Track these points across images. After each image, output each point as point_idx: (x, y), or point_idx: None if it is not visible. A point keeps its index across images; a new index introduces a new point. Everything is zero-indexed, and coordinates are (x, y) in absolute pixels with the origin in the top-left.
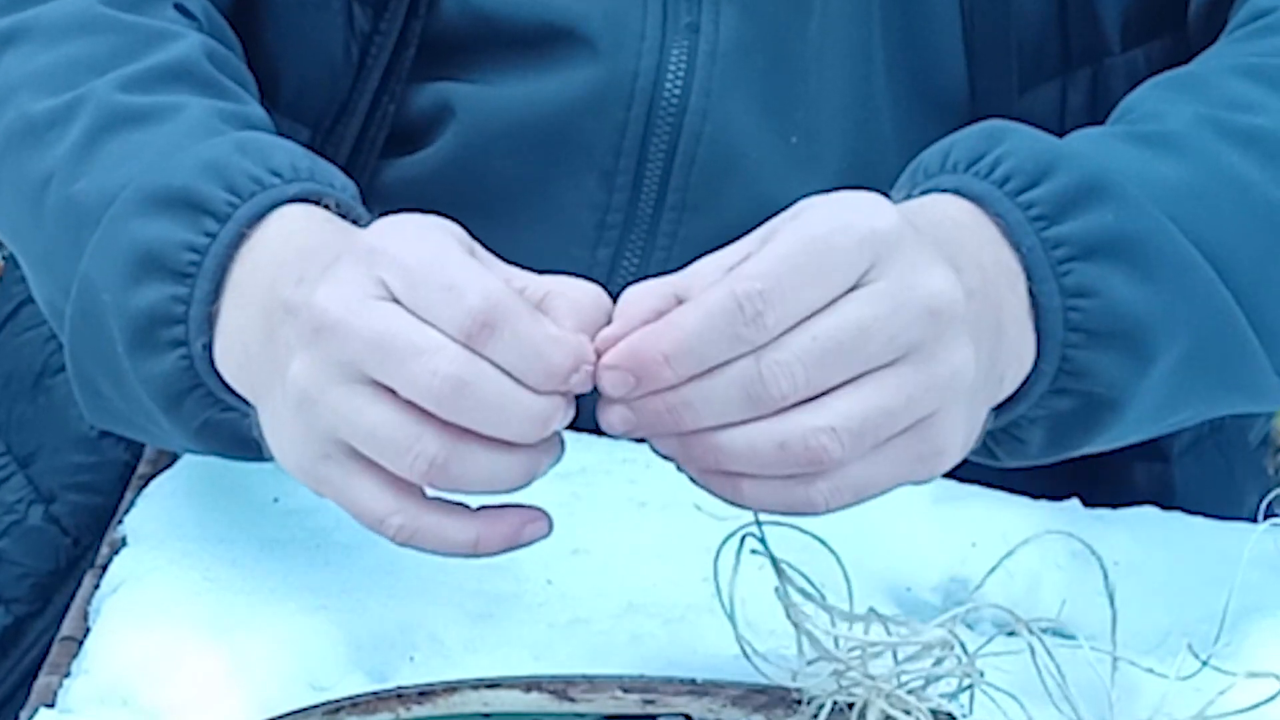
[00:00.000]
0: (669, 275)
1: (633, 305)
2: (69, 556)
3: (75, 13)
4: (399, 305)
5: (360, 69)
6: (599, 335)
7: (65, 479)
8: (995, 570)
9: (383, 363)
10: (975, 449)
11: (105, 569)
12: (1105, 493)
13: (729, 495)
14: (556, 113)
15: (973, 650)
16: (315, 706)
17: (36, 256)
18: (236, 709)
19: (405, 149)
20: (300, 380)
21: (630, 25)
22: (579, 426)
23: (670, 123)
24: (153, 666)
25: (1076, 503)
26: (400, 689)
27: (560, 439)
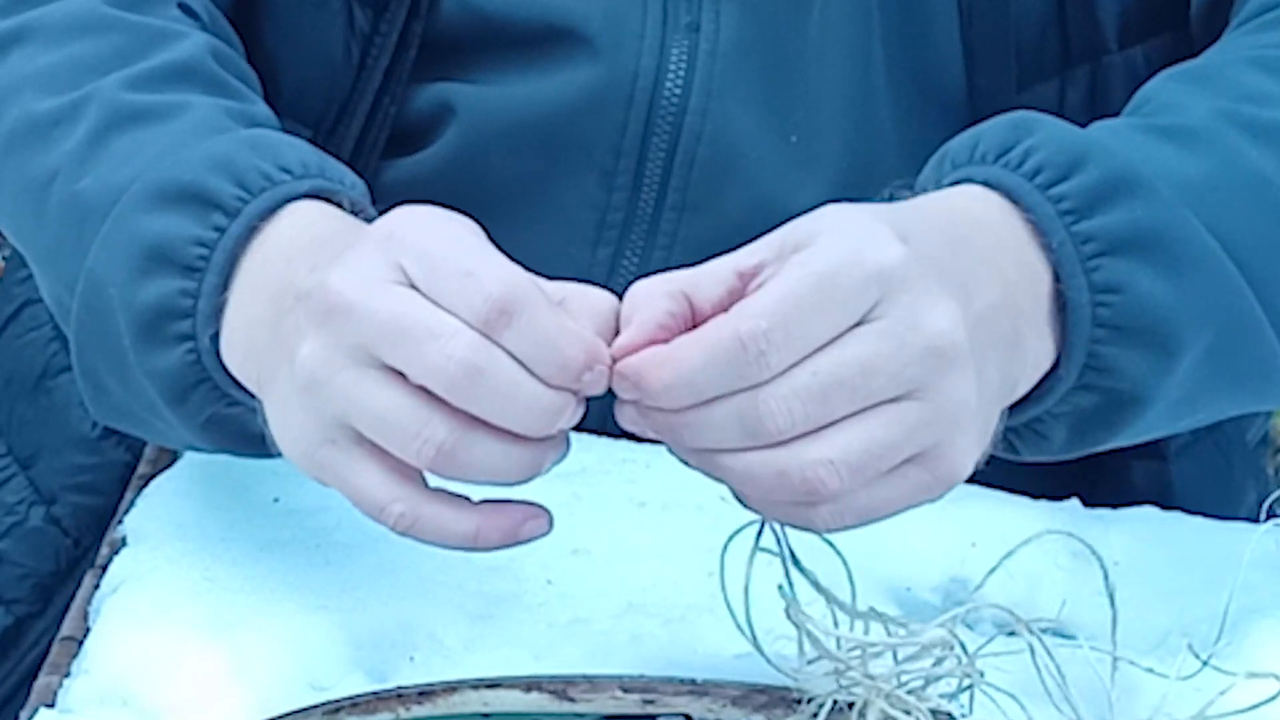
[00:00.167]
0: (678, 271)
1: (645, 307)
2: (69, 557)
3: (79, 13)
4: (415, 290)
5: (361, 69)
6: (615, 344)
7: (66, 480)
8: (995, 570)
9: (396, 345)
10: (997, 445)
11: (105, 569)
12: (1105, 493)
13: (739, 499)
14: (557, 113)
15: (973, 650)
16: (315, 706)
17: (40, 253)
18: (236, 709)
19: (406, 149)
20: (309, 362)
21: (630, 25)
22: (579, 426)
23: (670, 122)
24: (153, 666)
25: (1076, 503)
26: (400, 689)
27: (566, 437)
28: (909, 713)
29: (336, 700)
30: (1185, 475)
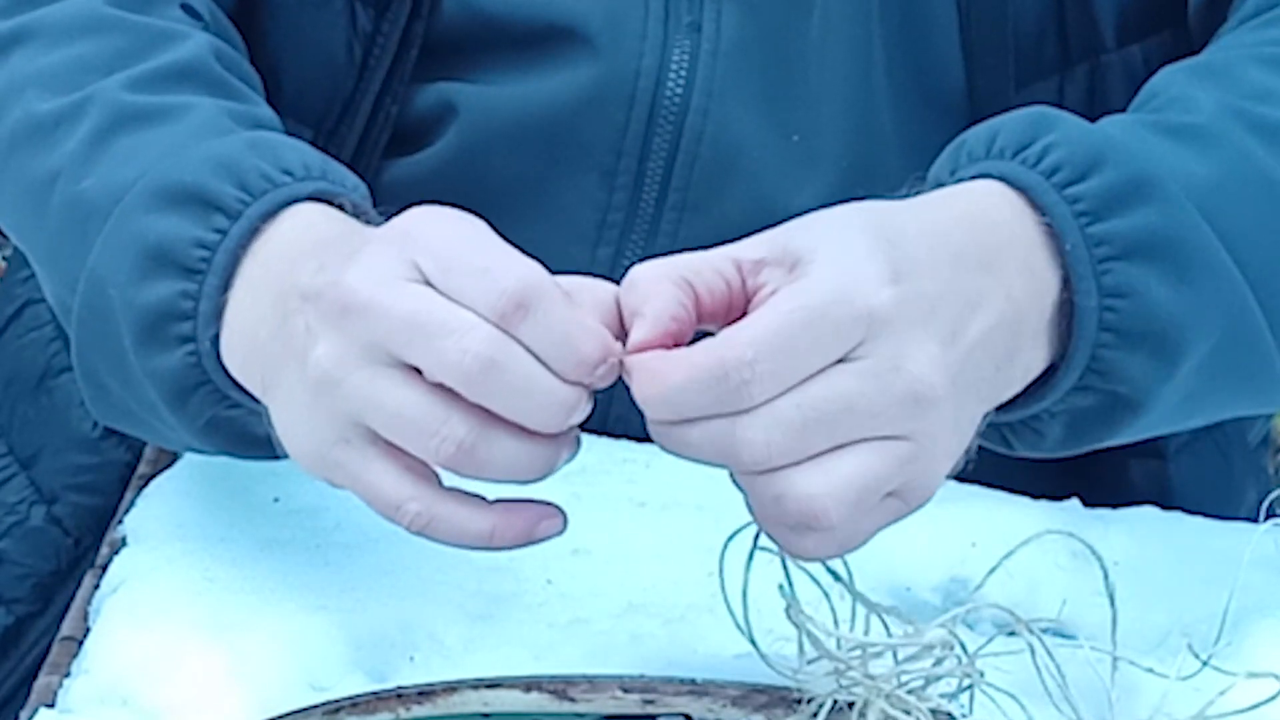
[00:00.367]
0: (677, 257)
1: (655, 298)
2: (70, 557)
3: (81, 13)
4: (431, 288)
5: (363, 69)
6: (631, 339)
7: (67, 480)
8: (995, 570)
9: (412, 342)
10: (990, 439)
11: (105, 569)
12: (1105, 492)
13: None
14: (558, 112)
15: (973, 650)
16: (315, 706)
17: (43, 253)
18: (236, 709)
19: (407, 149)
20: (324, 361)
21: (632, 25)
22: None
23: (672, 122)
24: (153, 666)
25: (1076, 503)
26: (400, 689)
27: (577, 435)
28: (909, 713)
29: (336, 700)
30: (1185, 475)
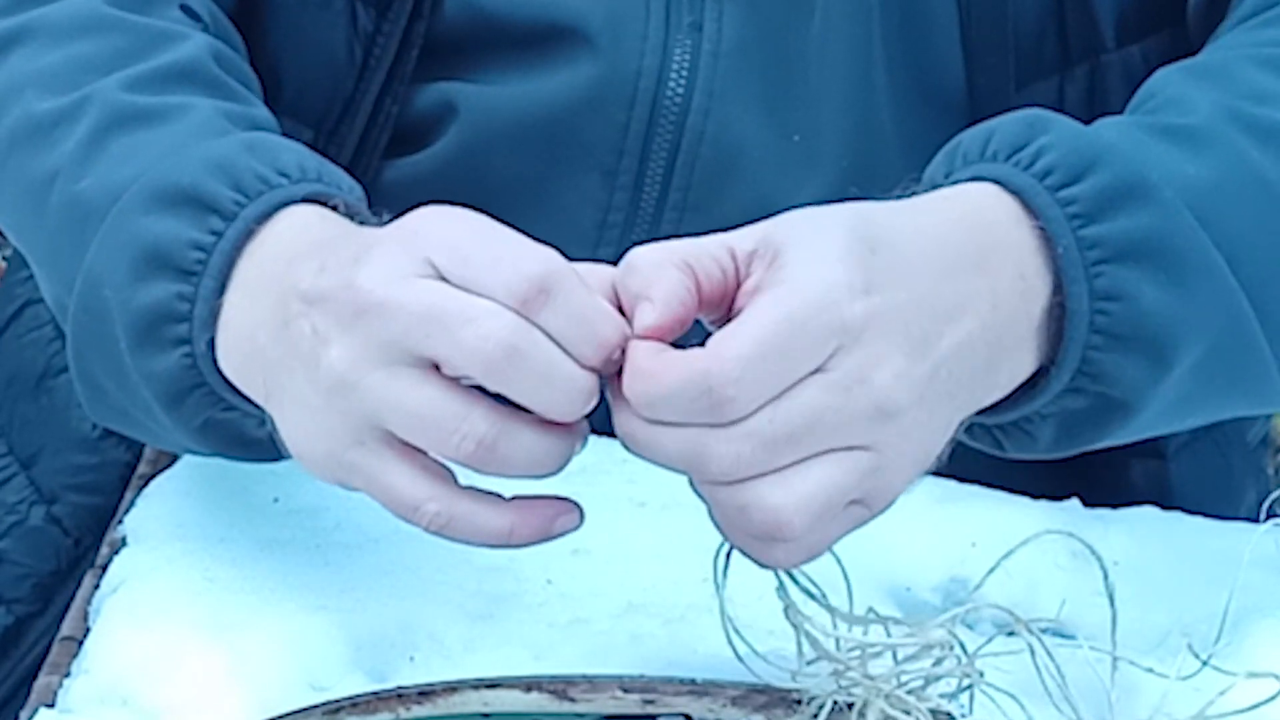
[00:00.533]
0: (674, 243)
1: (662, 282)
2: (70, 557)
3: (80, 13)
4: (444, 281)
5: (364, 69)
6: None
7: (66, 480)
8: (995, 570)
9: (430, 335)
10: (982, 440)
11: (105, 569)
12: (1104, 492)
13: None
14: (559, 112)
15: (972, 650)
16: (315, 706)
17: (41, 254)
18: (236, 709)
19: (408, 149)
20: (339, 364)
21: (633, 25)
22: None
23: (673, 122)
24: (153, 666)
25: (1076, 503)
26: (400, 689)
27: (586, 427)
28: (909, 713)
29: (336, 700)
30: (1185, 475)
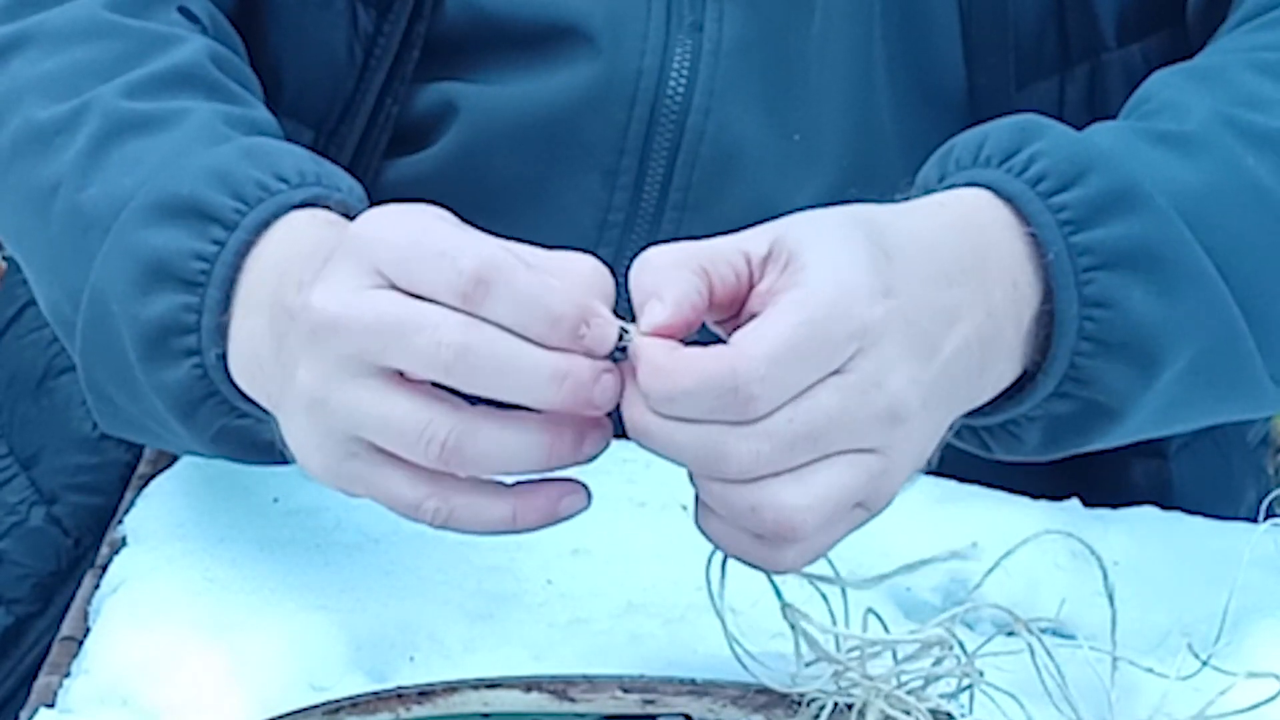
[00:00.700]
0: (688, 244)
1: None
2: (70, 557)
3: (80, 19)
4: (395, 290)
5: (364, 69)
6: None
7: (67, 480)
8: (995, 570)
9: (386, 346)
10: (969, 442)
11: (105, 569)
12: (1105, 492)
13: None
14: (559, 112)
15: (972, 650)
16: (315, 706)
17: (42, 264)
18: (236, 709)
19: (408, 149)
20: (307, 384)
21: (633, 24)
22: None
23: (674, 122)
24: (153, 666)
25: (1076, 503)
26: (400, 689)
27: (607, 421)
28: (909, 713)
29: (336, 700)
30: (1185, 474)
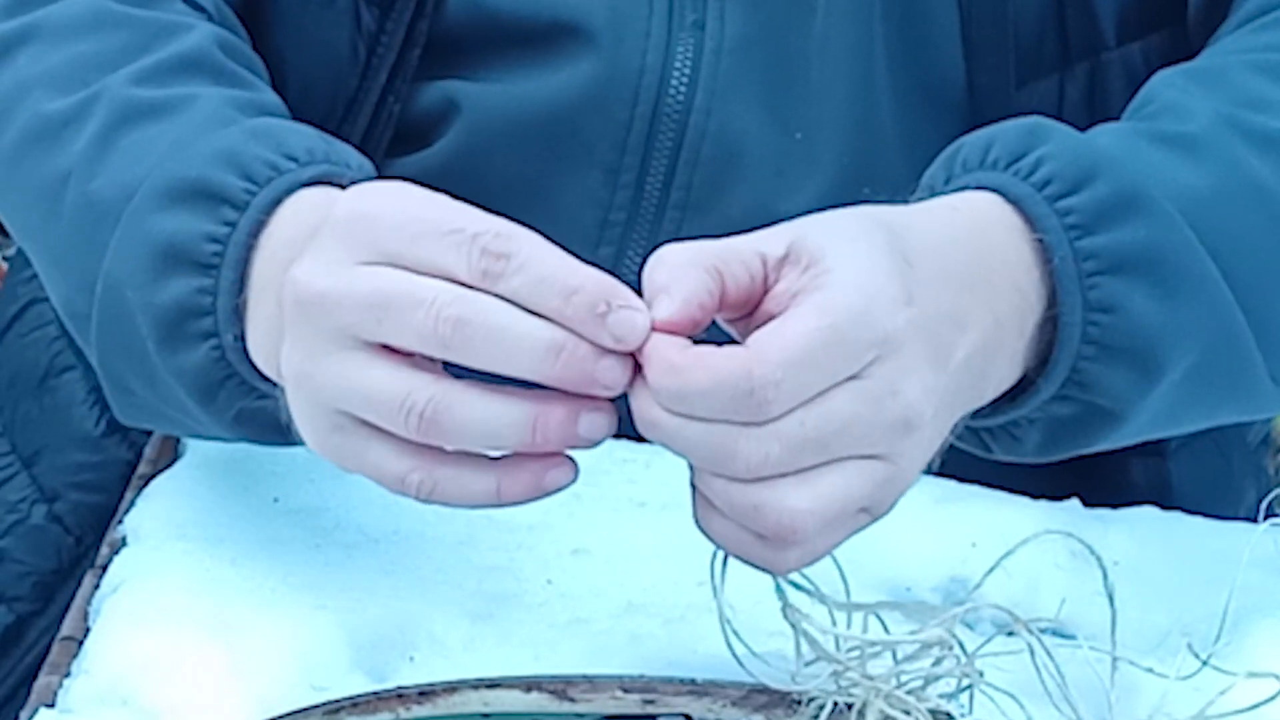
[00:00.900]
0: (702, 244)
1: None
2: (71, 555)
3: (85, 11)
4: (389, 267)
5: (367, 68)
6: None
7: (68, 478)
8: (995, 570)
9: (383, 320)
10: (969, 443)
11: (105, 569)
12: (1105, 492)
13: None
14: (561, 110)
15: (972, 650)
16: (315, 706)
17: (53, 256)
18: (236, 709)
19: (410, 147)
20: (293, 357)
21: (635, 23)
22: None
23: (675, 120)
24: (153, 666)
25: (1076, 503)
26: (400, 689)
27: (608, 403)
28: (909, 713)
29: (336, 700)
30: (1185, 474)
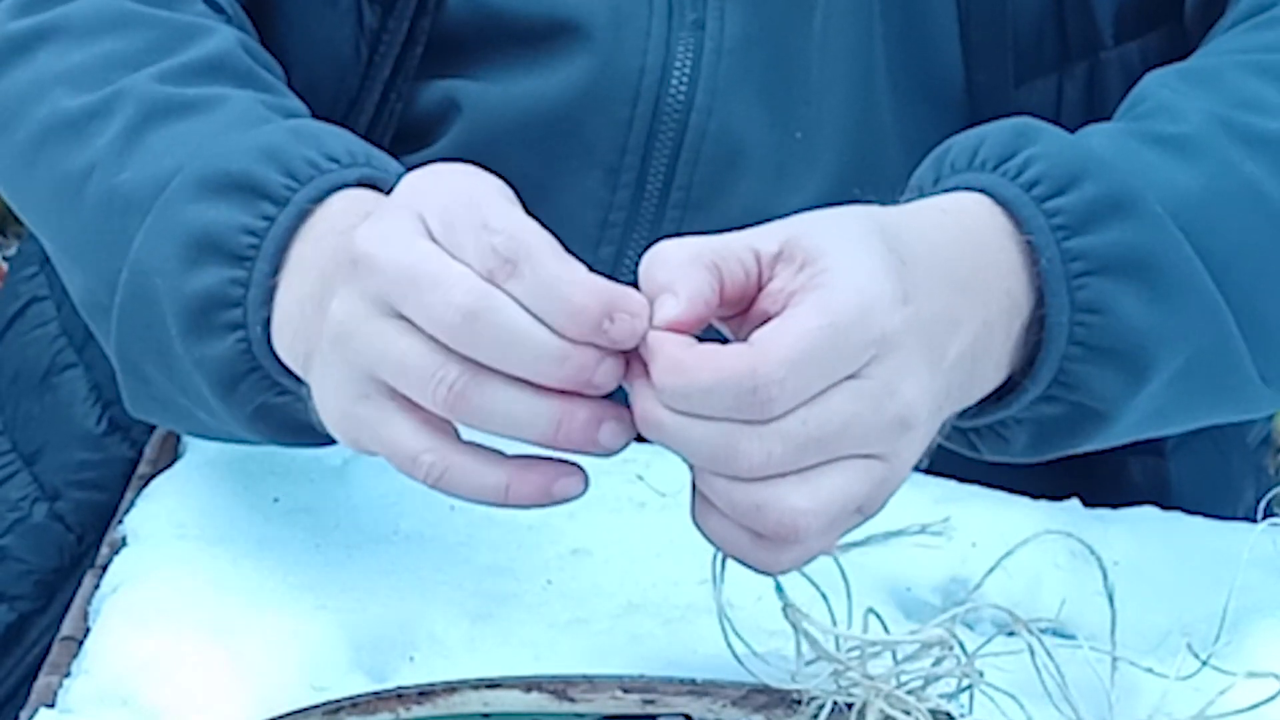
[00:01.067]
0: (698, 239)
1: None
2: (72, 554)
3: (106, 10)
4: (435, 243)
5: (369, 67)
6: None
7: (69, 476)
8: (995, 570)
9: (406, 295)
10: (957, 442)
11: (105, 569)
12: (1104, 492)
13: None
14: (561, 110)
15: (972, 650)
16: (315, 706)
17: (74, 248)
18: (236, 709)
19: (411, 146)
20: (338, 313)
21: (636, 22)
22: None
23: (676, 120)
24: (153, 666)
25: (1076, 503)
26: (400, 689)
27: (628, 414)
28: (909, 713)
29: (336, 700)
30: (1184, 474)
